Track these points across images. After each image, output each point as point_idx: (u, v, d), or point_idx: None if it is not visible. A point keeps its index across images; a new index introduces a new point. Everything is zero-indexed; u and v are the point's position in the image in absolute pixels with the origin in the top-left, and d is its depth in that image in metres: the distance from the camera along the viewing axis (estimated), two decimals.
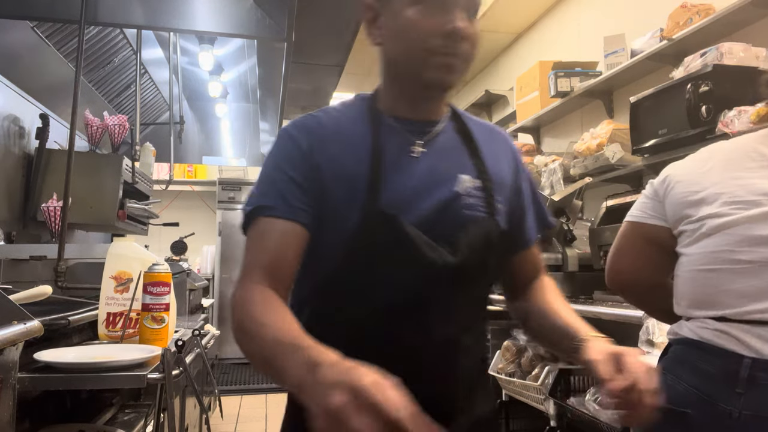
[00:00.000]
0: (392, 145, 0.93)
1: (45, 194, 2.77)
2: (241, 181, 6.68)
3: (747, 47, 2.15)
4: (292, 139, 0.93)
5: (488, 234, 0.91)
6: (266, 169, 0.93)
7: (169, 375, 1.28)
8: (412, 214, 0.87)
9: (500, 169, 0.99)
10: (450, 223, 0.88)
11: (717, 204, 1.04)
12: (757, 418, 0.91)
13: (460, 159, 0.96)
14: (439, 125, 0.99)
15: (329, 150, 0.91)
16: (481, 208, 0.92)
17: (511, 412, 2.72)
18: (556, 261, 2.56)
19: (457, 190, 0.91)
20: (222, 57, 4.11)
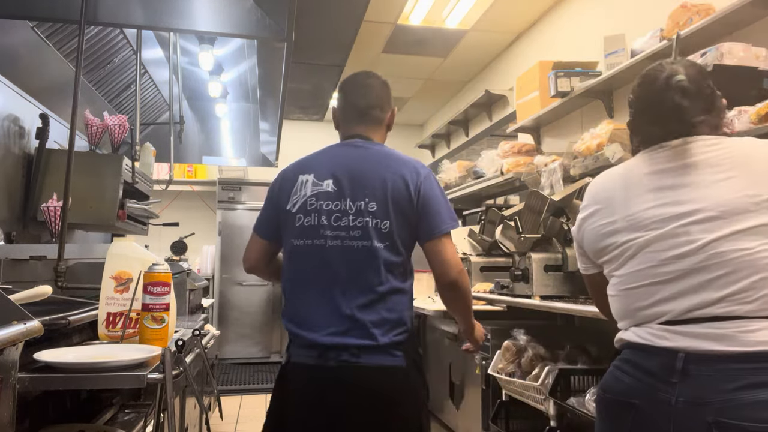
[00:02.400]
0: None
1: (45, 194, 2.77)
2: (241, 181, 6.68)
3: (747, 47, 2.15)
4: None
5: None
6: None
7: (169, 375, 1.28)
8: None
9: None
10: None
11: (630, 230, 1.21)
12: (690, 404, 1.05)
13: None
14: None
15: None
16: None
17: (511, 412, 2.72)
18: (556, 261, 2.56)
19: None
20: (222, 57, 4.10)
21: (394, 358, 1.50)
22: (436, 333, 4.05)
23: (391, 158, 1.64)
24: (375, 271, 1.53)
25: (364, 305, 1.50)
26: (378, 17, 4.51)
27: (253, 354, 6.46)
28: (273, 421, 1.57)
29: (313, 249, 1.56)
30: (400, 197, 1.56)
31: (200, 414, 2.87)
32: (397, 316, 1.53)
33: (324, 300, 1.52)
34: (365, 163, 1.62)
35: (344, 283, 1.52)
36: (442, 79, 6.00)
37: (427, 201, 1.59)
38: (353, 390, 1.47)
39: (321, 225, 1.56)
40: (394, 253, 1.56)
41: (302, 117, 7.28)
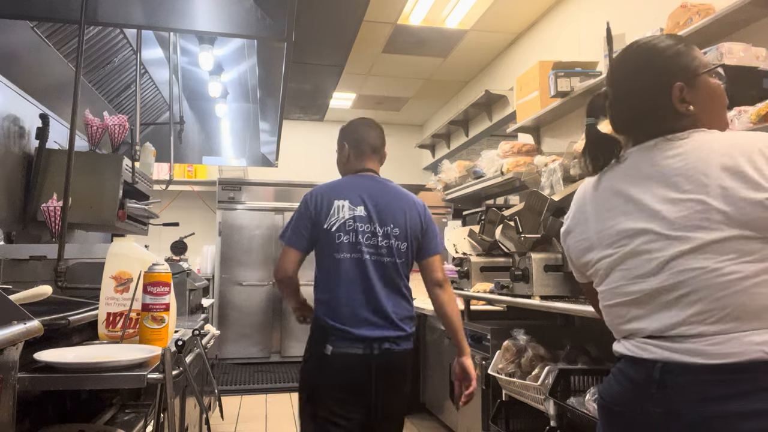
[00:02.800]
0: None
1: (45, 194, 2.77)
2: (241, 181, 6.69)
3: (747, 47, 2.15)
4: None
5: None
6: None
7: (169, 375, 1.28)
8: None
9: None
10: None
11: (602, 247, 1.21)
12: (666, 414, 1.06)
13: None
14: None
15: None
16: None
17: (511, 412, 2.72)
18: (556, 261, 2.56)
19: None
20: (222, 57, 4.10)
21: (410, 343, 2.03)
22: (436, 333, 4.05)
23: (403, 194, 2.13)
24: (399, 281, 2.02)
25: (395, 306, 1.98)
26: (378, 17, 4.51)
27: (253, 354, 6.46)
28: (319, 398, 1.93)
29: (354, 261, 1.97)
30: (415, 225, 2.07)
31: (200, 414, 2.87)
32: (413, 313, 2.06)
33: (365, 302, 1.94)
34: (386, 195, 2.07)
35: (380, 290, 1.97)
36: (442, 79, 6.00)
37: (430, 229, 2.12)
38: (392, 368, 1.95)
39: (359, 242, 1.98)
40: (407, 267, 2.07)
41: (302, 117, 7.28)
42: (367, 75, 5.93)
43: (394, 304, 1.97)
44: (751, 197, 1.02)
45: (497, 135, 5.81)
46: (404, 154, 7.82)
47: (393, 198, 2.07)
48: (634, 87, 1.24)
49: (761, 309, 1.01)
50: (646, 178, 1.16)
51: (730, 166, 1.05)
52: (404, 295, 2.03)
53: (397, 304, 1.99)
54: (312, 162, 7.49)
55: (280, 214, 6.69)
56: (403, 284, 2.04)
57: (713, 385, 1.02)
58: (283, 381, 5.62)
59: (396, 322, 1.96)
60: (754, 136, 1.07)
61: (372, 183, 2.10)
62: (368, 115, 8.02)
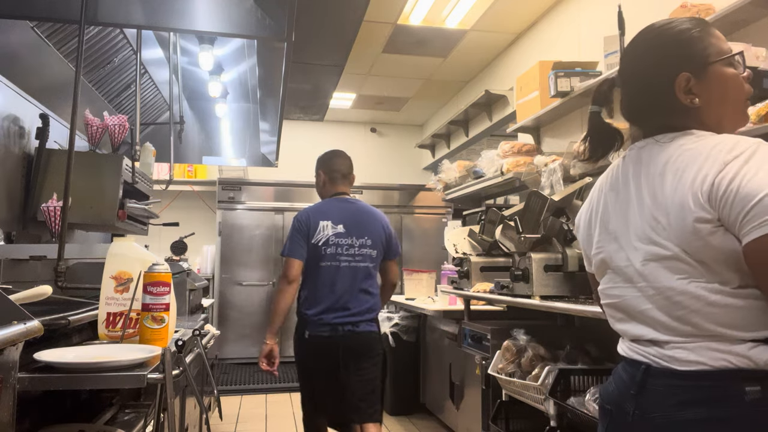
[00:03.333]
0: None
1: (45, 194, 2.77)
2: (241, 181, 6.69)
3: (747, 47, 2.15)
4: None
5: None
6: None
7: (169, 375, 1.28)
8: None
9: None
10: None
11: (599, 243, 1.21)
12: (641, 417, 1.06)
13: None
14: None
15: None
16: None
17: (511, 412, 2.72)
18: (556, 261, 2.56)
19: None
20: (222, 57, 4.10)
21: (375, 325, 2.65)
22: (436, 333, 4.05)
23: (371, 211, 2.73)
24: (367, 281, 2.62)
25: (358, 301, 2.58)
26: (378, 17, 4.51)
27: (253, 354, 6.45)
28: (304, 371, 2.66)
29: (332, 268, 2.57)
30: (381, 235, 2.68)
31: (200, 414, 2.87)
32: (372, 304, 2.63)
33: (346, 297, 2.56)
34: (359, 213, 2.68)
35: (349, 289, 2.57)
36: (442, 79, 6.00)
37: (391, 239, 2.74)
38: (353, 346, 2.54)
39: (339, 253, 2.57)
40: (376, 269, 2.69)
41: (302, 117, 7.28)
42: (367, 75, 5.93)
43: (357, 299, 2.57)
44: (687, 220, 1.00)
45: (497, 135, 5.81)
46: (404, 154, 7.82)
47: (364, 215, 2.68)
48: (638, 74, 1.17)
49: (719, 326, 1.00)
50: (631, 180, 1.14)
51: (683, 184, 1.01)
52: (369, 291, 2.62)
53: (361, 299, 2.58)
54: (312, 162, 7.47)
55: (280, 214, 6.69)
56: (369, 283, 2.63)
57: (682, 391, 1.02)
58: (283, 381, 5.62)
59: (356, 312, 2.55)
60: (717, 155, 0.99)
61: (347, 205, 2.70)
62: (368, 115, 8.05)
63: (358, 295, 2.57)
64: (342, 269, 2.56)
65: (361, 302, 2.57)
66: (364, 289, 2.59)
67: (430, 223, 7.07)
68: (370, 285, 2.62)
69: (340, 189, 2.75)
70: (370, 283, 2.62)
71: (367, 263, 2.61)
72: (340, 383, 2.50)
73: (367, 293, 2.60)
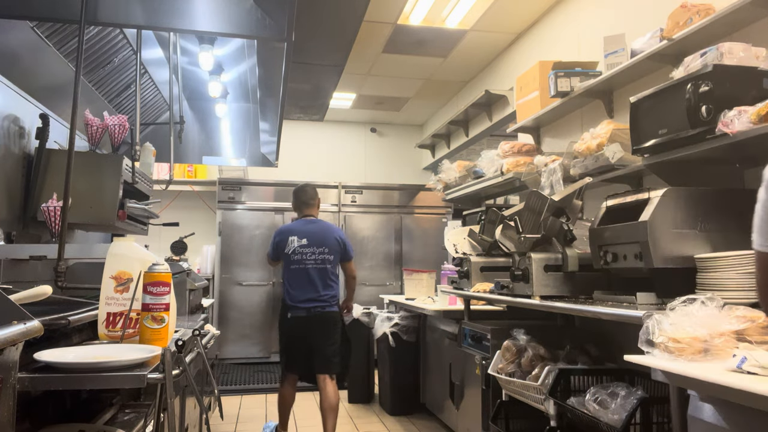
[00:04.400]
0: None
1: (45, 194, 2.77)
2: (241, 181, 6.69)
3: (747, 47, 2.15)
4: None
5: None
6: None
7: (169, 375, 1.28)
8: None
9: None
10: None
11: None
12: None
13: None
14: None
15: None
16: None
17: (511, 412, 2.72)
18: (556, 261, 2.56)
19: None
20: (222, 57, 4.10)
21: (335, 307, 3.68)
22: (436, 333, 4.05)
23: (328, 227, 3.78)
24: (328, 277, 3.67)
25: (324, 290, 3.63)
26: (378, 17, 4.51)
27: (253, 354, 6.46)
28: (285, 339, 3.70)
29: (301, 269, 3.65)
30: (336, 245, 3.72)
31: (200, 414, 2.87)
32: (333, 293, 3.68)
33: (310, 289, 3.62)
34: (318, 230, 3.73)
35: (316, 283, 3.63)
36: (442, 79, 6.00)
37: (346, 245, 3.78)
38: (322, 322, 3.61)
39: (304, 259, 3.65)
40: (336, 267, 3.74)
41: (302, 117, 7.28)
42: (367, 75, 5.93)
43: (323, 289, 3.64)
44: None
45: (497, 135, 5.81)
46: (404, 154, 7.82)
47: (322, 231, 3.74)
48: None
49: None
50: None
51: None
52: (329, 285, 3.67)
53: (325, 290, 3.65)
54: (312, 162, 7.49)
55: (280, 214, 6.69)
56: (330, 278, 3.68)
57: None
58: None
59: (322, 299, 3.62)
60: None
61: (310, 224, 3.76)
62: (368, 115, 8.05)
63: (323, 287, 3.64)
64: (309, 270, 3.64)
65: (326, 292, 3.65)
66: (326, 284, 3.66)
67: (430, 223, 7.07)
68: (331, 280, 3.69)
69: (305, 213, 3.82)
70: (331, 279, 3.69)
71: (326, 265, 3.67)
72: (311, 347, 3.61)
73: (329, 286, 3.67)
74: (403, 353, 4.43)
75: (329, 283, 3.66)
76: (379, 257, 6.91)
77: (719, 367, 1.44)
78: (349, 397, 4.94)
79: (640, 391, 2.02)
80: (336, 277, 3.73)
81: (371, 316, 4.78)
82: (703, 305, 1.61)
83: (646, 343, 1.64)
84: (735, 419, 1.36)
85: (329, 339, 3.61)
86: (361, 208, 6.96)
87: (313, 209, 3.82)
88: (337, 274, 3.74)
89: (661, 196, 2.02)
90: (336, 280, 3.73)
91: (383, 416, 4.47)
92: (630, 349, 1.70)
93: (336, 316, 3.67)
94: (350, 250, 3.80)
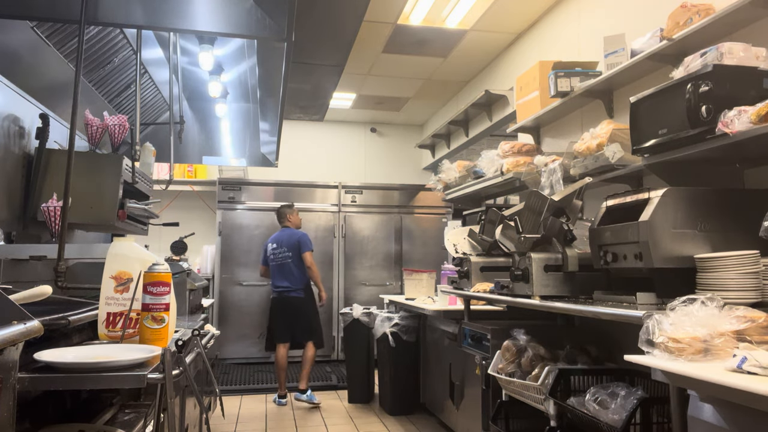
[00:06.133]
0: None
1: (45, 194, 2.77)
2: (241, 181, 6.69)
3: (747, 47, 2.15)
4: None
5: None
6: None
7: (169, 375, 1.28)
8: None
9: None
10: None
11: None
12: None
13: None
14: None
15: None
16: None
17: (511, 412, 2.72)
18: (556, 261, 2.56)
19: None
20: (222, 57, 4.10)
21: (300, 293, 5.02)
22: (436, 333, 4.05)
23: (293, 233, 5.13)
24: (294, 269, 5.03)
25: (291, 279, 5.01)
26: (378, 17, 4.51)
27: (253, 354, 6.46)
28: (270, 315, 5.15)
29: (274, 265, 5.09)
30: (296, 245, 5.07)
31: (200, 414, 2.87)
32: (302, 283, 5.04)
33: (280, 279, 5.04)
34: (285, 237, 5.12)
35: (286, 273, 5.03)
36: (442, 79, 6.00)
37: (300, 244, 5.08)
38: (289, 303, 5.00)
39: (277, 257, 5.07)
40: (297, 263, 5.05)
41: (302, 117, 7.28)
42: (367, 75, 5.93)
43: (288, 279, 5.00)
44: None
45: (497, 135, 5.81)
46: (404, 154, 7.82)
47: (287, 236, 5.10)
48: None
49: None
50: None
51: None
52: (295, 274, 5.00)
53: (290, 279, 4.99)
54: (312, 162, 7.49)
55: None
56: (296, 270, 5.00)
57: None
58: None
59: (288, 286, 4.98)
60: None
61: (281, 233, 5.17)
62: (368, 115, 8.06)
63: (288, 277, 5.00)
64: (278, 265, 5.04)
65: (290, 281, 5.00)
66: (292, 274, 5.00)
67: (430, 223, 7.07)
68: (294, 272, 5.00)
69: (283, 224, 5.22)
70: (295, 271, 5.01)
71: (289, 261, 5.02)
72: (290, 321, 4.98)
73: (293, 276, 5.00)
74: (403, 353, 4.43)
75: (294, 275, 5.01)
76: (379, 257, 6.91)
77: (719, 367, 1.44)
78: (349, 397, 4.94)
79: (640, 391, 2.02)
80: (298, 270, 5.01)
81: (371, 316, 4.78)
82: (703, 305, 1.61)
83: (646, 343, 1.64)
84: (735, 419, 1.36)
85: (301, 316, 4.97)
86: (361, 208, 6.96)
87: (287, 222, 5.19)
88: (300, 267, 5.01)
89: (661, 196, 2.02)
90: (297, 272, 5.01)
91: (383, 416, 4.47)
92: (630, 349, 1.70)
93: (298, 299, 4.98)
94: (303, 246, 5.03)
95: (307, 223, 6.65)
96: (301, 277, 4.99)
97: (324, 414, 4.55)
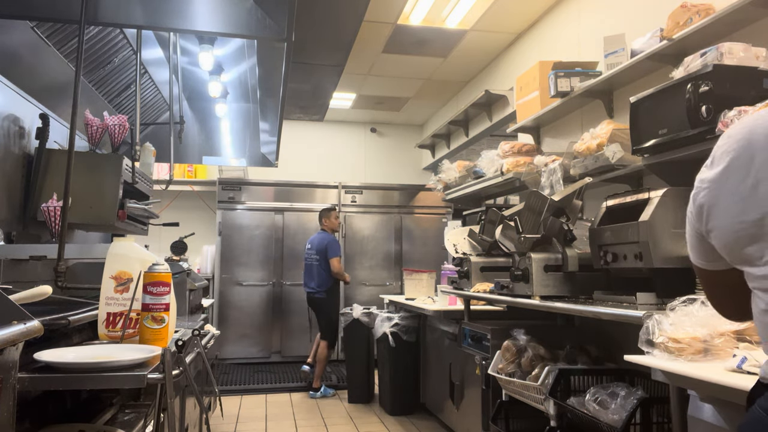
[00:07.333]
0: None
1: (45, 194, 2.77)
2: (241, 181, 6.69)
3: (747, 47, 2.15)
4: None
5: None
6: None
7: (169, 375, 1.28)
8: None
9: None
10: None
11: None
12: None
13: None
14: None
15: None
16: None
17: (511, 412, 2.72)
18: (556, 261, 2.56)
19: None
20: (222, 57, 4.10)
21: (322, 295, 5.27)
22: (436, 333, 4.05)
23: (321, 237, 5.38)
24: (319, 270, 5.29)
25: (316, 279, 5.28)
26: (378, 17, 4.51)
27: (253, 354, 6.46)
28: (309, 314, 5.56)
29: (306, 265, 5.44)
30: (322, 249, 5.30)
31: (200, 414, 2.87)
32: (326, 285, 5.27)
33: (309, 279, 5.37)
34: (317, 238, 5.41)
35: (313, 275, 5.31)
36: (442, 79, 6.00)
37: (327, 248, 5.29)
38: (312, 301, 5.35)
39: (307, 257, 5.44)
40: (321, 265, 5.28)
41: (302, 117, 7.28)
42: (367, 75, 5.93)
43: (316, 280, 5.25)
44: None
45: (497, 135, 5.80)
46: (404, 154, 7.82)
47: (317, 239, 5.35)
48: None
49: None
50: None
51: None
52: (321, 277, 5.23)
53: (317, 280, 5.24)
54: (312, 162, 7.49)
55: (280, 214, 6.69)
56: (322, 273, 5.23)
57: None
58: (283, 381, 5.62)
59: (315, 287, 5.24)
60: None
61: (317, 236, 5.43)
62: (368, 115, 8.08)
63: (315, 278, 5.26)
64: (309, 266, 5.33)
65: (316, 282, 5.25)
66: (319, 276, 5.25)
67: (430, 223, 7.07)
68: (320, 274, 5.24)
69: (321, 227, 5.47)
70: (321, 273, 5.24)
71: (316, 263, 5.26)
72: (314, 318, 5.37)
73: (319, 277, 5.23)
74: (403, 353, 4.43)
75: (317, 276, 5.24)
76: (379, 257, 6.91)
77: (719, 367, 1.44)
78: (349, 397, 4.95)
79: (640, 391, 2.02)
80: (324, 272, 5.23)
81: (371, 316, 4.78)
82: (703, 305, 1.61)
83: (646, 343, 1.64)
84: (735, 419, 1.36)
85: (319, 315, 5.28)
86: (361, 208, 6.96)
87: (323, 225, 5.45)
88: (326, 270, 5.23)
89: (661, 196, 2.02)
90: (323, 274, 5.23)
91: (383, 416, 4.47)
92: (630, 349, 1.70)
93: (320, 299, 5.24)
94: (330, 251, 5.25)
95: (308, 223, 6.65)
96: (326, 279, 5.23)
97: (324, 414, 4.55)
